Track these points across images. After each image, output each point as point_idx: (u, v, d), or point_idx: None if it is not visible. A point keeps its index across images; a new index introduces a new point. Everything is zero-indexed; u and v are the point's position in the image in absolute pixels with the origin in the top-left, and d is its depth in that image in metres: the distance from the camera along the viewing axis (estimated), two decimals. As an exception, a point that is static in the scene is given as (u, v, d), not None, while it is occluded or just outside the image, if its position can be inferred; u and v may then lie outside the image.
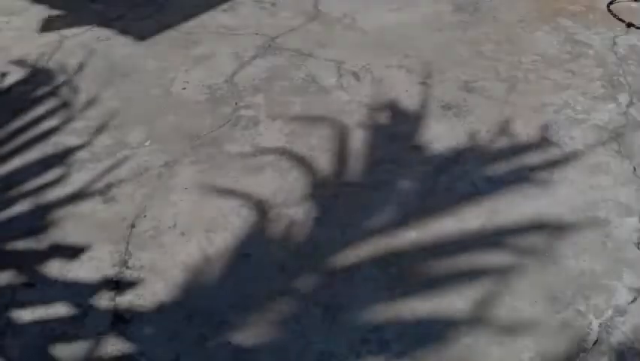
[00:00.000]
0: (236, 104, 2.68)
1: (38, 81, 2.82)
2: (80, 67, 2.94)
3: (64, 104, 2.66)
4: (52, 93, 2.74)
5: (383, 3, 3.60)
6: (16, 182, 2.23)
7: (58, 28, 3.29)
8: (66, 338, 1.69)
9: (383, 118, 2.58)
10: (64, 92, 2.75)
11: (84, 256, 1.94)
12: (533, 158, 2.35)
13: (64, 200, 2.15)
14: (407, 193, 2.19)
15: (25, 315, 1.75)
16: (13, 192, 2.19)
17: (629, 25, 3.33)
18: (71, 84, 2.80)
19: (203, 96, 2.73)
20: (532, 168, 2.30)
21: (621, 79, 2.86)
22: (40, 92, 2.75)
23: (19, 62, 2.96)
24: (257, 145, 2.43)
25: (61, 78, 2.85)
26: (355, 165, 2.32)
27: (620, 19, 3.38)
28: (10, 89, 2.77)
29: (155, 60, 3.01)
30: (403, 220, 2.07)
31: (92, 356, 1.65)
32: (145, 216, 2.10)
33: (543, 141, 2.43)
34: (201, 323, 1.74)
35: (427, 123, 2.56)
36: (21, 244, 1.98)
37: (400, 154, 2.38)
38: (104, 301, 1.80)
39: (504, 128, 2.51)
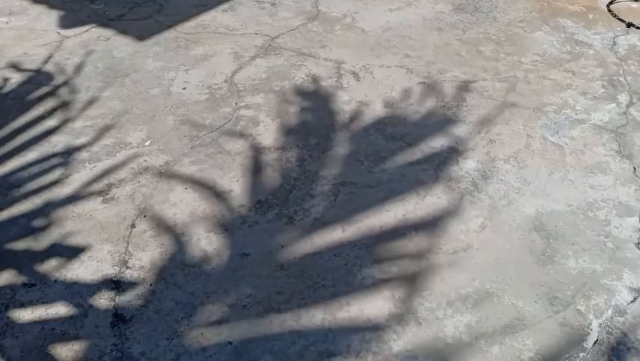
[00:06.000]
0: (236, 104, 2.68)
1: (38, 81, 2.82)
2: (80, 67, 2.94)
3: (64, 104, 2.66)
4: (52, 93, 2.74)
5: (383, 3, 3.60)
6: (16, 182, 2.23)
7: (59, 29, 3.30)
8: (66, 338, 1.69)
9: (383, 118, 2.58)
10: (64, 92, 2.75)
11: (84, 256, 1.94)
12: (533, 158, 2.36)
13: (64, 200, 2.15)
14: (406, 192, 2.19)
15: (25, 315, 1.76)
16: (14, 193, 2.19)
17: (629, 25, 3.33)
18: (71, 84, 2.81)
19: (203, 96, 2.73)
20: (530, 168, 2.31)
21: (621, 79, 2.86)
22: (40, 92, 2.75)
23: (19, 62, 2.96)
24: (257, 145, 2.43)
25: (61, 78, 2.85)
26: (354, 165, 2.32)
27: (620, 19, 3.39)
28: (10, 89, 2.77)
29: (155, 60, 3.01)
30: (403, 218, 2.07)
31: (92, 356, 1.65)
32: (145, 216, 2.10)
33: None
34: (201, 323, 1.74)
35: (427, 123, 2.56)
36: (21, 244, 1.98)
37: (399, 153, 2.38)
38: (104, 301, 1.80)
39: (502, 128, 2.52)
